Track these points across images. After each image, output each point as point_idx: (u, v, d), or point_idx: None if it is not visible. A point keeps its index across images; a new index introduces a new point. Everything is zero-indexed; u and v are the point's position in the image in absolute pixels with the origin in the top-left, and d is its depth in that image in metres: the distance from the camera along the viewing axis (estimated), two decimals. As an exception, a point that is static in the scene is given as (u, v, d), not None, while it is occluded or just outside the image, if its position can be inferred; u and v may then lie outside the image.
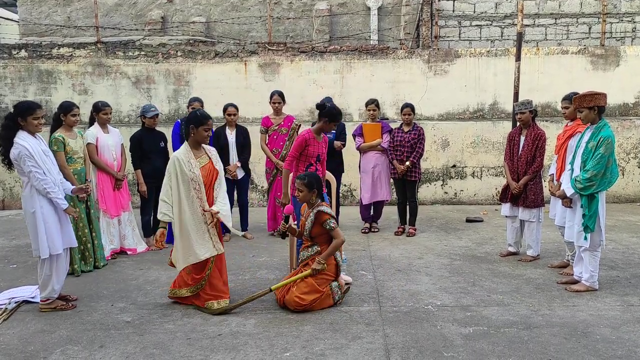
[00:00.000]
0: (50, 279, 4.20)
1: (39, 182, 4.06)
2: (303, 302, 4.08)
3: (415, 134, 6.60)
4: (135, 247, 6.10)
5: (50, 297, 4.24)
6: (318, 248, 4.29)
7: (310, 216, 4.27)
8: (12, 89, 9.34)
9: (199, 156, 4.22)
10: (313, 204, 4.31)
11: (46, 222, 4.13)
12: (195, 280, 4.27)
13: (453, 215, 8.11)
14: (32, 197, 4.12)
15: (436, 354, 3.38)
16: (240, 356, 3.40)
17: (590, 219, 4.37)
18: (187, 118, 4.30)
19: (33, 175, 4.06)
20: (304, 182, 4.27)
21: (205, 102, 6.67)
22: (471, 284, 4.76)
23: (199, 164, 4.18)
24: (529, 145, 5.40)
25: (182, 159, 4.12)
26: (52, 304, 4.25)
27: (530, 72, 8.90)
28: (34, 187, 4.09)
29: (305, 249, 4.37)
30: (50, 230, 4.14)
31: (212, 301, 4.19)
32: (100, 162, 5.73)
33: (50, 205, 4.17)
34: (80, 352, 3.51)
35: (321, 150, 5.07)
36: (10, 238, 6.98)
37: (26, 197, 4.15)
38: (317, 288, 4.15)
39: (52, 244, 4.15)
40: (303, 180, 4.28)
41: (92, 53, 9.32)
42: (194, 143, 4.23)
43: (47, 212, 4.14)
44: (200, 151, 4.26)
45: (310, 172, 4.55)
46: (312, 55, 9.21)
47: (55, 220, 4.19)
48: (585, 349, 3.43)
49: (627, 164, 9.08)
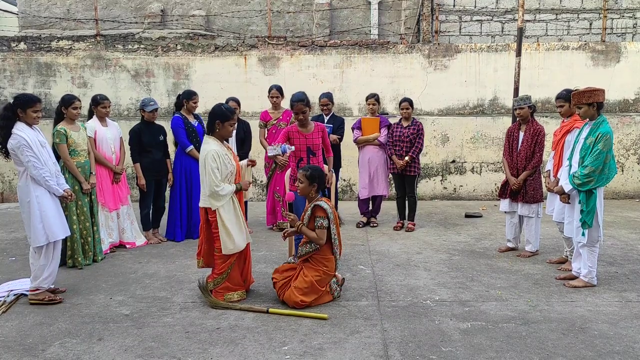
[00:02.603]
0: (44, 268, 4.22)
1: (37, 170, 4.11)
2: (303, 304, 4.06)
3: (415, 129, 6.59)
4: (134, 240, 6.10)
5: (40, 287, 4.24)
6: (317, 245, 4.22)
7: (308, 210, 4.22)
8: (11, 81, 9.31)
9: (227, 148, 4.31)
10: (312, 198, 4.24)
11: (42, 210, 4.16)
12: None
13: (452, 211, 8.11)
14: (27, 186, 4.16)
15: (434, 349, 3.39)
16: (239, 350, 3.41)
17: (589, 215, 4.37)
18: (213, 112, 4.24)
19: (32, 165, 4.10)
20: (305, 174, 4.18)
21: (205, 96, 6.69)
22: (470, 279, 4.77)
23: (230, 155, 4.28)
24: (528, 141, 5.40)
25: (221, 153, 4.15)
26: (40, 295, 4.25)
27: (530, 67, 8.89)
28: (30, 177, 4.14)
29: (304, 245, 4.26)
30: (48, 218, 4.17)
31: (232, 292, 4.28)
32: (99, 156, 5.72)
33: (47, 194, 4.21)
34: (78, 345, 3.51)
35: (312, 142, 4.96)
36: (9, 231, 6.98)
37: (22, 187, 4.20)
38: (317, 288, 4.10)
39: (50, 231, 4.18)
40: (306, 172, 4.19)
41: (92, 46, 9.29)
42: (220, 137, 4.25)
43: (44, 200, 4.18)
44: (225, 144, 4.32)
45: (314, 165, 4.47)
46: (312, 50, 9.19)
47: (53, 208, 4.24)
48: (583, 345, 3.44)
49: (626, 160, 9.08)
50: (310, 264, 4.20)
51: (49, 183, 4.18)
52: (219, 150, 4.12)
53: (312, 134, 4.89)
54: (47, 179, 4.16)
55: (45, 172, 4.15)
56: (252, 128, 6.91)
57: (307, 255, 4.21)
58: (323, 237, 4.11)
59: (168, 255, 5.69)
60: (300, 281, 4.12)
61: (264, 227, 6.91)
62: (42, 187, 4.17)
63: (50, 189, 4.22)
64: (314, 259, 4.20)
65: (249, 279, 4.53)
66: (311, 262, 4.20)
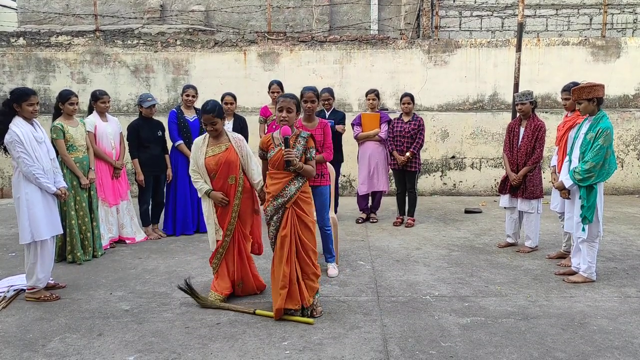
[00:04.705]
0: (35, 267, 4.19)
1: (27, 167, 4.09)
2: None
3: (415, 124, 6.58)
4: (134, 236, 6.11)
5: (35, 285, 4.22)
6: (303, 180, 3.89)
7: (300, 141, 3.89)
8: (10, 77, 9.29)
9: (215, 144, 4.12)
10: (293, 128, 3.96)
11: (30, 207, 4.13)
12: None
13: (452, 206, 8.12)
14: (18, 183, 4.16)
15: (433, 344, 3.40)
16: (239, 345, 3.42)
17: (589, 210, 4.37)
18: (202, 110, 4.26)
19: (22, 161, 4.08)
20: (293, 100, 3.91)
21: (204, 91, 6.67)
22: (469, 275, 4.78)
23: (211, 153, 4.08)
24: (529, 137, 5.39)
25: (196, 145, 4.14)
26: (36, 293, 4.24)
27: (530, 63, 8.88)
28: (22, 173, 4.13)
29: (289, 184, 3.82)
30: (35, 216, 4.14)
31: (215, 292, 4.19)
32: (99, 151, 5.72)
33: (37, 192, 4.17)
34: (78, 340, 3.52)
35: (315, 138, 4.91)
36: (9, 226, 6.98)
37: (14, 183, 4.21)
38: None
39: (35, 229, 4.14)
40: (292, 98, 3.91)
41: (91, 41, 9.27)
42: (209, 133, 4.18)
43: (33, 198, 4.15)
44: (217, 140, 4.14)
45: (291, 93, 4.09)
46: (311, 45, 9.17)
47: (42, 206, 4.19)
48: (582, 340, 3.44)
49: (626, 155, 9.07)
50: (300, 203, 3.88)
51: (40, 180, 4.14)
52: (196, 144, 4.14)
53: (315, 129, 4.84)
54: (37, 176, 4.12)
55: (35, 169, 4.11)
56: (253, 124, 6.90)
57: (295, 196, 3.83)
58: (315, 167, 3.97)
59: (168, 251, 5.70)
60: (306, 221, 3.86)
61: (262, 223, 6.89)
62: (33, 185, 4.14)
63: (41, 186, 4.17)
64: (300, 198, 3.87)
65: (249, 282, 4.28)
66: (299, 201, 3.87)
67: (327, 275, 4.72)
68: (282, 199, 3.81)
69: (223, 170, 4.07)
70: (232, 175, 4.08)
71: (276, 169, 3.88)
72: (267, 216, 3.90)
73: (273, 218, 3.87)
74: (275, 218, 3.85)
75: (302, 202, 3.88)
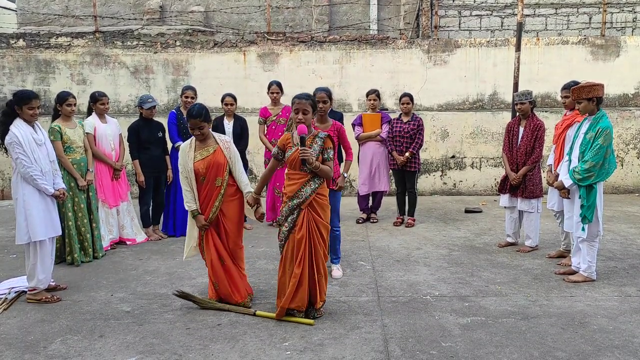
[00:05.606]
0: (35, 267, 4.21)
1: (25, 168, 4.11)
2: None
3: (415, 124, 6.59)
4: (134, 237, 6.11)
5: (37, 287, 4.23)
6: (320, 181, 3.82)
7: (317, 141, 3.82)
8: (10, 78, 9.29)
9: (203, 148, 4.08)
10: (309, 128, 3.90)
11: (27, 208, 4.16)
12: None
13: (452, 206, 8.12)
14: (17, 184, 4.19)
15: (434, 344, 3.40)
16: (240, 346, 3.42)
17: (589, 210, 4.37)
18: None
19: (20, 162, 4.11)
20: (309, 101, 3.83)
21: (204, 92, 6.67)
22: (469, 275, 4.78)
23: (199, 157, 4.04)
24: (528, 136, 5.39)
25: (182, 151, 4.11)
26: (37, 295, 4.25)
27: (530, 62, 8.88)
28: (20, 175, 4.15)
29: (304, 185, 3.77)
30: (32, 217, 4.16)
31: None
32: (98, 152, 5.72)
33: (35, 193, 4.20)
34: (80, 342, 3.52)
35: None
36: (9, 228, 6.98)
37: (13, 184, 4.25)
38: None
39: (32, 230, 4.17)
40: (307, 99, 3.84)
41: (91, 42, 9.27)
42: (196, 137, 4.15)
43: (30, 199, 4.17)
44: (204, 143, 4.09)
45: (306, 93, 4.03)
46: (311, 45, 9.17)
47: (39, 208, 4.21)
48: (583, 339, 3.45)
49: (626, 154, 9.07)
50: (316, 206, 3.82)
51: (37, 182, 4.16)
52: (182, 149, 4.12)
53: (329, 131, 4.73)
54: (35, 178, 4.14)
55: (33, 170, 4.13)
56: (252, 124, 6.91)
57: (311, 197, 3.79)
58: (332, 169, 3.88)
59: (168, 252, 5.70)
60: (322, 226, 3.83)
61: (264, 224, 6.91)
62: (31, 186, 4.17)
63: (39, 188, 4.19)
64: (315, 200, 3.82)
65: (224, 286, 4.11)
66: (315, 204, 3.82)
67: (332, 277, 4.68)
68: (298, 200, 3.78)
69: (212, 173, 4.04)
70: (219, 178, 4.06)
71: (293, 169, 3.86)
72: (281, 217, 3.90)
73: (287, 219, 3.84)
74: (290, 219, 3.83)
75: (318, 205, 3.83)
